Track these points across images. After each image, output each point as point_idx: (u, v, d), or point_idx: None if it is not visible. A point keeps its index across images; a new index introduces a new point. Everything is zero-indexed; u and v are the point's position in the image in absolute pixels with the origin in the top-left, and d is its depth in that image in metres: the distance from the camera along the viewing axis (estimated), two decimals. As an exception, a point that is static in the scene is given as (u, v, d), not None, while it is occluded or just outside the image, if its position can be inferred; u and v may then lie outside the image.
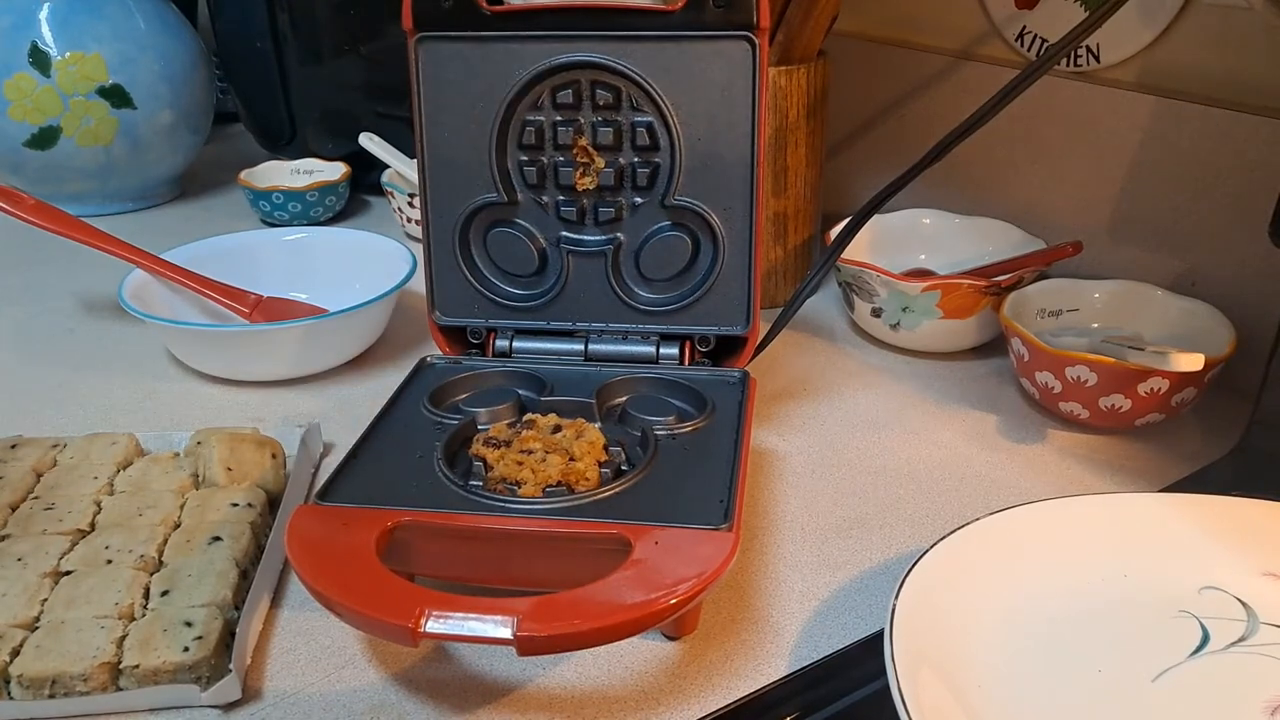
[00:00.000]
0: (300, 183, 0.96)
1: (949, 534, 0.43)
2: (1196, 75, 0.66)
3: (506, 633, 0.36)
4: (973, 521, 0.44)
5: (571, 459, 0.46)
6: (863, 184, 0.91)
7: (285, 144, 1.04)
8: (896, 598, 0.39)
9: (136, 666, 0.41)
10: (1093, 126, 0.71)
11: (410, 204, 0.89)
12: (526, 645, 0.36)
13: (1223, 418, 0.61)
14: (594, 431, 0.47)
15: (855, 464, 0.59)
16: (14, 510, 0.51)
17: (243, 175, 0.96)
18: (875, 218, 0.67)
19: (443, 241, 0.57)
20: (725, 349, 0.57)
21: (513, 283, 0.58)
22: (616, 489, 0.44)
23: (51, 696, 0.41)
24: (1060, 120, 0.73)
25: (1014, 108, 0.57)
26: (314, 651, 0.45)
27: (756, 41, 0.51)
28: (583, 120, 0.54)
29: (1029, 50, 0.76)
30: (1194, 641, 0.41)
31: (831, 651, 0.44)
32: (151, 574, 0.46)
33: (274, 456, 0.55)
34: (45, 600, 0.44)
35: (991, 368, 0.70)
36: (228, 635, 0.43)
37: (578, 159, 0.55)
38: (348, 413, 0.64)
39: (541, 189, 0.56)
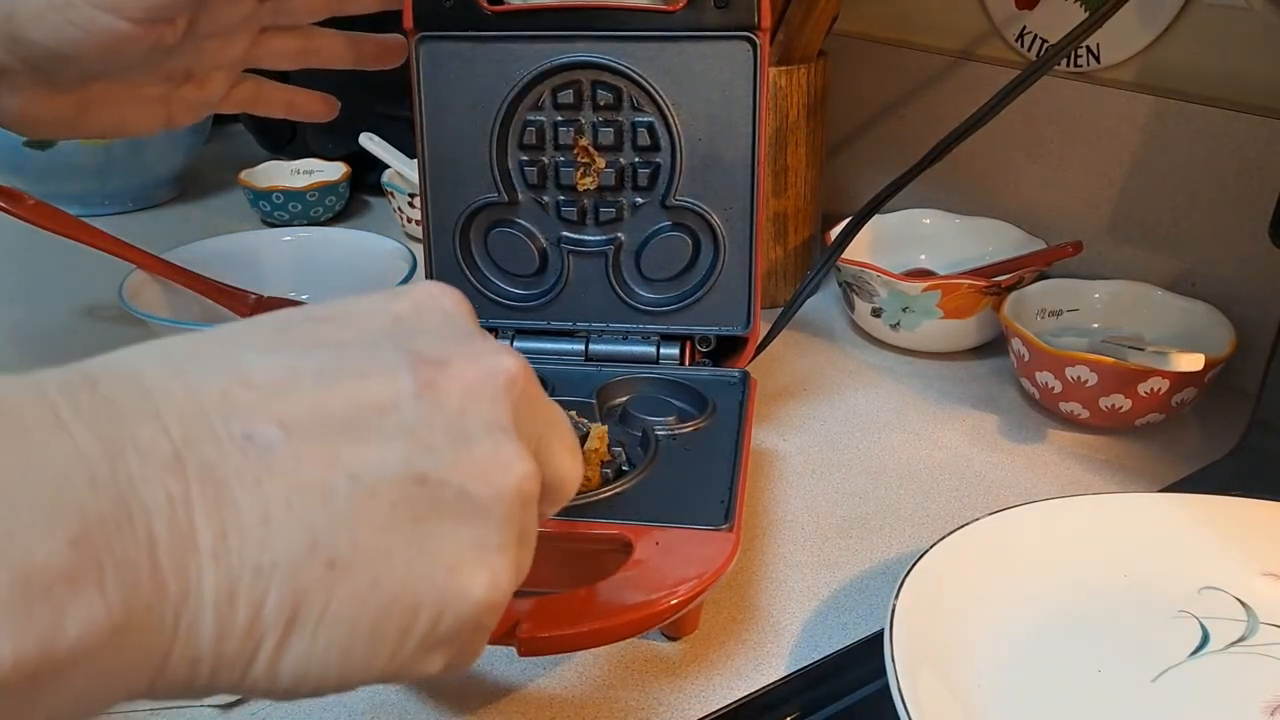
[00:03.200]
0: (300, 183, 0.96)
1: (949, 534, 0.43)
2: (1196, 75, 0.66)
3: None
4: (973, 521, 0.44)
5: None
6: (863, 184, 0.91)
7: (285, 144, 1.04)
8: (896, 598, 0.39)
9: (137, 666, 0.41)
10: (1093, 126, 0.71)
11: (410, 204, 0.89)
12: (527, 646, 0.36)
13: (1223, 418, 0.61)
14: (600, 430, 0.47)
15: (855, 464, 0.59)
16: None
17: (243, 175, 0.96)
18: (875, 218, 0.67)
19: (443, 241, 0.57)
20: (726, 349, 0.57)
21: (513, 282, 0.58)
22: (617, 489, 0.44)
23: (52, 696, 0.41)
24: (1060, 120, 0.73)
25: (1014, 108, 0.57)
26: (314, 651, 0.45)
27: (758, 42, 0.51)
28: (583, 120, 0.54)
29: (1029, 50, 0.76)
30: (1194, 641, 0.41)
31: (831, 651, 0.44)
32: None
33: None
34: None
35: (991, 368, 0.70)
36: (228, 635, 0.43)
37: (578, 159, 0.55)
38: (348, 413, 0.64)
39: (542, 189, 0.56)
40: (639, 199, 0.55)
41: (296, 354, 0.23)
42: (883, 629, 0.38)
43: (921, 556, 0.42)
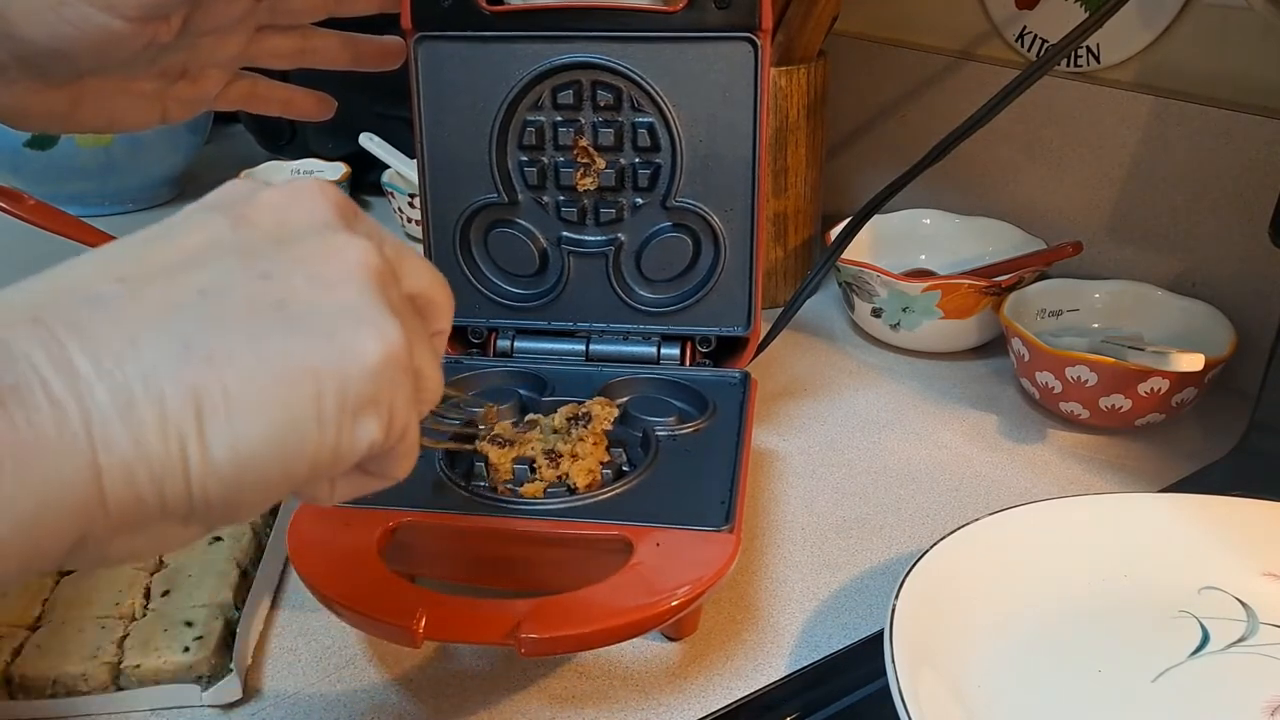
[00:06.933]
0: (300, 183, 0.96)
1: (949, 534, 0.43)
2: (1196, 75, 0.66)
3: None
4: (973, 521, 0.44)
5: (575, 457, 0.46)
6: (863, 184, 0.91)
7: (285, 144, 1.04)
8: (896, 598, 0.39)
9: (137, 666, 0.41)
10: (1093, 126, 0.71)
11: (410, 204, 0.89)
12: (529, 647, 0.36)
13: (1223, 418, 0.61)
14: (606, 409, 0.47)
15: (855, 464, 0.59)
16: (15, 510, 0.51)
17: (243, 175, 0.96)
18: (875, 218, 0.67)
19: (443, 241, 0.57)
20: (726, 349, 0.57)
21: (514, 282, 0.58)
22: (618, 490, 0.44)
23: (53, 696, 0.41)
24: (1060, 120, 0.73)
25: (1014, 108, 0.57)
26: (314, 651, 0.45)
27: (758, 43, 0.51)
28: (583, 120, 0.54)
29: (1029, 50, 0.76)
30: (1194, 641, 0.41)
31: (831, 651, 0.44)
32: (152, 574, 0.46)
33: (274, 456, 0.55)
34: (46, 600, 0.44)
35: (991, 368, 0.70)
36: (228, 635, 0.43)
37: (578, 159, 0.54)
38: (348, 413, 0.64)
39: (542, 189, 0.56)
40: (639, 199, 0.55)
41: (123, 241, 0.26)
42: (883, 629, 0.38)
43: (921, 556, 0.42)
